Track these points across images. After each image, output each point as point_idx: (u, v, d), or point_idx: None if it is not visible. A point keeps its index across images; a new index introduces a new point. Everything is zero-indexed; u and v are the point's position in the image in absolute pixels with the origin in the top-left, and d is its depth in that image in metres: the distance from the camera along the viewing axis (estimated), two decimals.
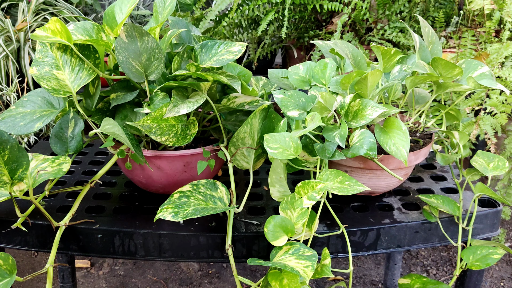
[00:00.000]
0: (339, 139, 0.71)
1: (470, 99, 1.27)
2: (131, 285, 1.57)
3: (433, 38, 0.82)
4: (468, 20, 1.47)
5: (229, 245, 0.70)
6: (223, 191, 0.74)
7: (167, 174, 0.79)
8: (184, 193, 0.72)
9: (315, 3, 1.43)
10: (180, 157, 0.78)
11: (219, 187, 0.74)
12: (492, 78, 0.77)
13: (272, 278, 0.64)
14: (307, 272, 0.62)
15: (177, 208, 0.70)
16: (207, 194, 0.73)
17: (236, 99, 0.80)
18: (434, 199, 0.80)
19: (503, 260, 1.71)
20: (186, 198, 0.72)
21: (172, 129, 0.73)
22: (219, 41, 0.80)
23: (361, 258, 1.71)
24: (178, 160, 0.78)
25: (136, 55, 0.73)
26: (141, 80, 0.76)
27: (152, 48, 0.73)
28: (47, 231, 0.76)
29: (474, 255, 0.76)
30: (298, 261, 0.64)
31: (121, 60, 0.73)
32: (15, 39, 1.60)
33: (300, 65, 0.86)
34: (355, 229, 0.77)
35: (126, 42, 0.72)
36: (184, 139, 0.74)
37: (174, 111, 0.71)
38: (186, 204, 0.71)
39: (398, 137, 0.71)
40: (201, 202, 0.72)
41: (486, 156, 0.83)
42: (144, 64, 0.75)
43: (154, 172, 0.79)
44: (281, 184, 0.77)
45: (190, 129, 0.75)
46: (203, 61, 0.79)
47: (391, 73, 0.80)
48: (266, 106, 0.78)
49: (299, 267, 0.63)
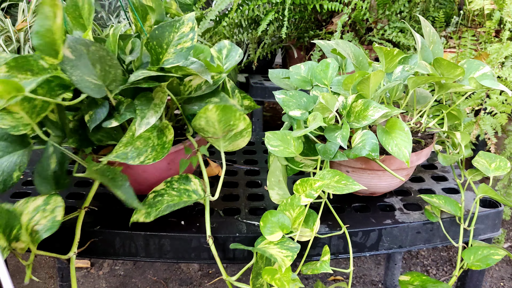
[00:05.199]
0: (341, 140, 0.70)
1: (470, 99, 1.27)
2: (131, 285, 1.57)
3: (434, 38, 0.82)
4: (468, 20, 1.47)
5: (209, 235, 0.70)
6: (196, 183, 0.74)
7: (152, 175, 0.78)
8: (158, 192, 0.73)
9: (315, 3, 1.43)
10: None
11: (192, 180, 0.74)
12: (493, 78, 0.77)
13: (265, 272, 0.66)
14: (285, 261, 0.63)
15: (150, 208, 0.71)
16: (180, 189, 0.73)
17: (192, 81, 0.75)
18: (436, 199, 0.80)
19: (503, 260, 1.71)
20: (160, 196, 0.72)
21: (148, 142, 0.68)
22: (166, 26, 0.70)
23: (361, 258, 1.71)
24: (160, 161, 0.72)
25: (89, 70, 0.65)
26: (103, 94, 0.67)
27: (102, 56, 0.65)
28: None
29: (475, 255, 0.76)
30: (280, 250, 0.66)
31: (75, 80, 0.63)
32: (15, 39, 1.60)
33: (301, 65, 0.86)
34: (357, 229, 0.77)
35: (73, 59, 0.64)
36: (163, 149, 0.69)
37: (144, 123, 0.66)
38: (159, 203, 0.71)
39: (400, 138, 0.71)
40: (174, 198, 0.72)
41: (488, 156, 0.83)
42: (100, 76, 0.66)
43: (140, 175, 0.77)
44: (280, 187, 0.77)
45: (166, 135, 0.71)
46: (161, 54, 0.71)
47: (393, 74, 0.80)
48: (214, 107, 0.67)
49: (278, 255, 0.65)
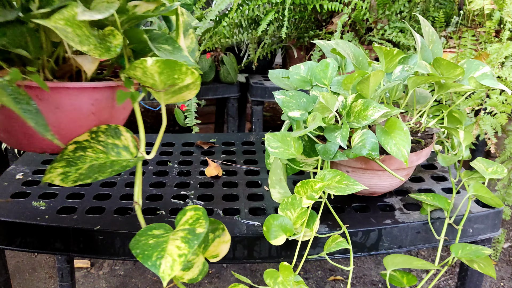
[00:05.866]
0: (341, 140, 0.70)
1: (470, 99, 1.27)
2: (131, 285, 1.57)
3: (433, 38, 0.82)
4: (468, 20, 1.47)
5: (135, 202, 0.61)
6: (128, 137, 0.62)
7: (68, 118, 0.59)
8: (81, 144, 0.59)
9: (315, 3, 1.43)
10: (87, 90, 0.59)
11: (123, 133, 0.62)
12: (493, 78, 0.77)
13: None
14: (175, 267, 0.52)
15: (69, 166, 0.57)
16: (108, 143, 0.61)
17: (137, 8, 0.62)
18: (424, 196, 0.80)
19: (503, 260, 1.71)
20: (82, 150, 0.59)
21: (89, 39, 0.54)
22: None
23: (361, 258, 1.71)
24: (84, 95, 0.59)
25: None
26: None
27: None
28: (47, 232, 0.75)
29: (463, 250, 0.75)
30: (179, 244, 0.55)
31: None
32: None
33: (301, 65, 0.86)
34: (357, 229, 0.77)
35: None
36: (109, 51, 0.55)
37: (87, 14, 0.53)
38: (81, 160, 0.58)
39: (399, 138, 0.71)
40: (100, 156, 0.60)
41: (486, 162, 0.83)
42: None
43: (51, 113, 0.58)
44: (281, 186, 0.77)
45: (111, 41, 0.56)
46: None
47: (393, 73, 0.80)
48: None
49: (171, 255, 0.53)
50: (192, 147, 1.11)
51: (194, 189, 0.89)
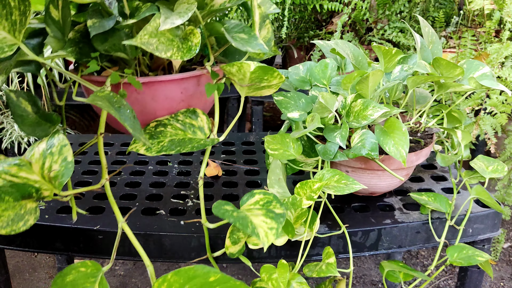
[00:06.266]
0: (340, 139, 0.71)
1: (470, 99, 1.27)
2: (131, 285, 1.57)
3: (433, 38, 0.82)
4: (468, 20, 1.47)
5: (201, 177, 0.66)
6: (203, 119, 0.67)
7: (162, 106, 0.68)
8: (161, 122, 0.66)
9: (315, 3, 1.43)
10: (176, 81, 0.67)
11: (200, 115, 0.67)
12: (493, 78, 0.77)
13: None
14: (269, 236, 0.55)
15: (151, 139, 0.64)
16: (186, 122, 0.67)
17: (214, 1, 0.66)
18: (425, 196, 0.80)
19: (503, 260, 1.71)
20: (163, 126, 0.66)
21: (172, 43, 0.61)
22: None
23: (361, 258, 1.71)
24: (174, 85, 0.67)
25: None
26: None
27: None
28: (47, 232, 0.75)
29: (459, 253, 0.75)
30: (264, 219, 0.57)
31: None
32: None
33: (300, 65, 0.86)
34: (356, 229, 0.77)
35: None
36: (190, 51, 0.61)
37: (168, 22, 0.59)
38: (162, 134, 0.65)
39: (398, 138, 0.71)
40: (178, 132, 0.65)
41: (486, 160, 0.83)
42: None
43: (148, 104, 0.67)
44: (280, 185, 0.77)
45: (191, 40, 0.62)
46: None
47: (392, 73, 0.80)
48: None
49: (262, 228, 0.56)
50: None
51: (194, 189, 0.89)
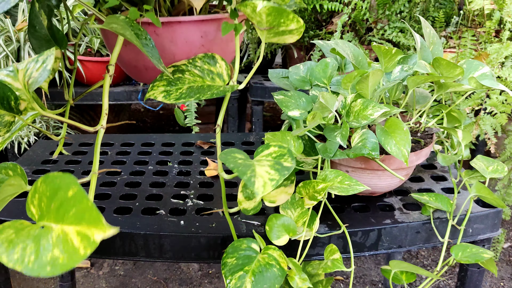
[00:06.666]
0: (340, 139, 0.71)
1: (470, 99, 1.27)
2: (131, 285, 1.57)
3: (434, 39, 0.82)
4: (468, 20, 1.47)
5: (218, 124, 0.64)
6: (222, 65, 0.65)
7: (181, 51, 0.65)
8: (178, 67, 0.63)
9: (315, 3, 1.43)
10: (196, 23, 0.65)
11: (219, 61, 0.65)
12: (493, 78, 0.77)
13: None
14: (266, 186, 0.52)
15: (169, 85, 0.61)
16: (204, 68, 0.64)
17: None
18: (426, 196, 0.80)
19: (503, 260, 1.71)
20: (181, 73, 0.63)
21: None
22: None
23: (361, 258, 1.71)
24: (194, 28, 0.65)
25: None
26: None
27: None
28: None
29: (464, 252, 0.75)
30: (269, 170, 0.55)
31: None
32: (15, 39, 1.60)
33: (300, 65, 0.86)
34: (356, 229, 0.77)
35: None
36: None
37: None
38: (180, 81, 0.62)
39: (399, 137, 0.71)
40: (197, 79, 0.63)
41: (486, 160, 0.83)
42: None
43: (166, 48, 0.65)
44: None
45: None
46: None
47: (392, 73, 0.80)
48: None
49: (262, 177, 0.53)
50: (192, 147, 1.12)
51: (194, 189, 0.89)
